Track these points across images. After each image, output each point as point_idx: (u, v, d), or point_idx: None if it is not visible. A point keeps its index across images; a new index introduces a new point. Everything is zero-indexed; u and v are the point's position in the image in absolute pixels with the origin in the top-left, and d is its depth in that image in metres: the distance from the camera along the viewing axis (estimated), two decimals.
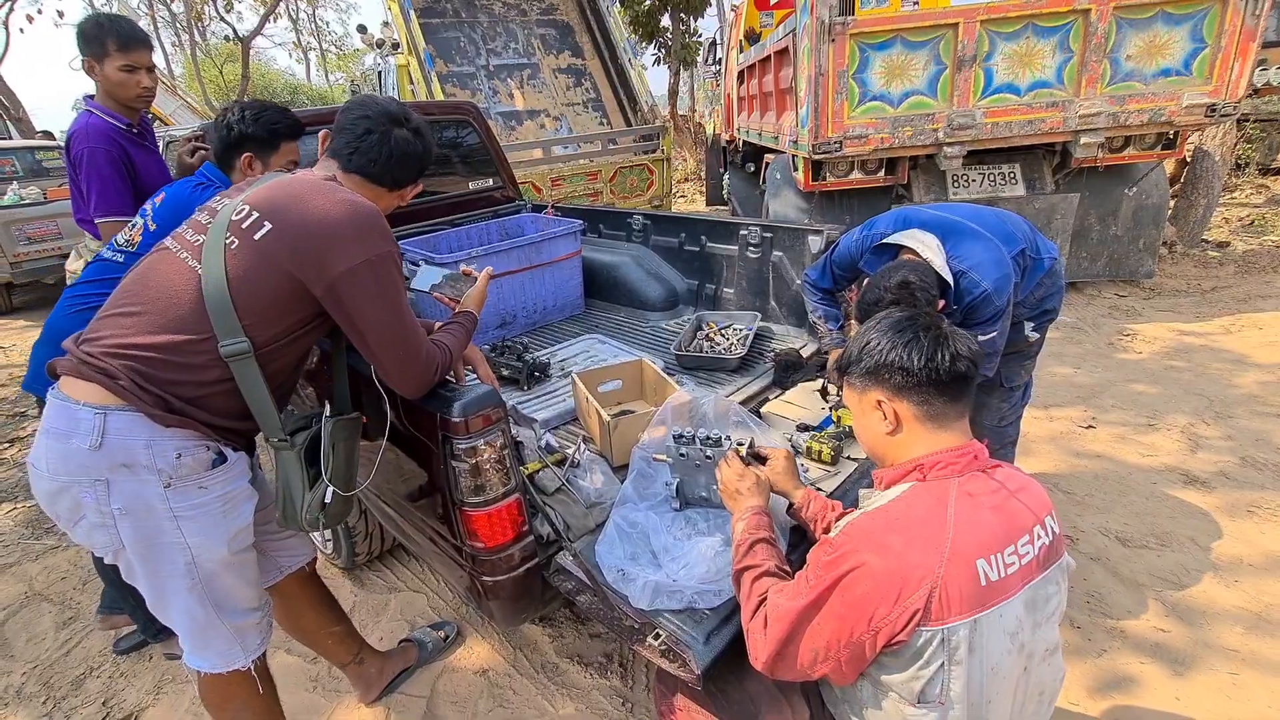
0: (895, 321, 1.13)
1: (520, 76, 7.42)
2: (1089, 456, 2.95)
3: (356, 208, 1.28)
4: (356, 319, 1.28)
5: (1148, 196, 4.65)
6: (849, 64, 3.93)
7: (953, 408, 1.09)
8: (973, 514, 0.99)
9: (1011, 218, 2.10)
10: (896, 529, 1.00)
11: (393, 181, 1.43)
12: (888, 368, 1.09)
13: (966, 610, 0.94)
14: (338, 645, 1.87)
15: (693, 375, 2.41)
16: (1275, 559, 2.26)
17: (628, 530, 1.60)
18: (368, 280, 1.26)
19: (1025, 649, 1.00)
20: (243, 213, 1.26)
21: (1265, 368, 3.63)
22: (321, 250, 1.23)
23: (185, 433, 1.24)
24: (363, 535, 2.35)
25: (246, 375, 1.26)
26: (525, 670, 2.04)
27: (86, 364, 1.20)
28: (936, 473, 1.05)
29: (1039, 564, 1.01)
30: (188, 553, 1.28)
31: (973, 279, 1.86)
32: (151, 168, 2.30)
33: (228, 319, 1.22)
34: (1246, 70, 3.83)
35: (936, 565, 0.94)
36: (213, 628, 1.38)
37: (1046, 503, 1.07)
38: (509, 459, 1.50)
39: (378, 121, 1.41)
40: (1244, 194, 7.63)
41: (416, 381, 1.40)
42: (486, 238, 3.34)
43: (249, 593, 1.44)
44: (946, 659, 0.95)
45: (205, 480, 1.28)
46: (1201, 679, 1.85)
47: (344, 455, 1.43)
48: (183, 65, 25.56)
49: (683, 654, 1.36)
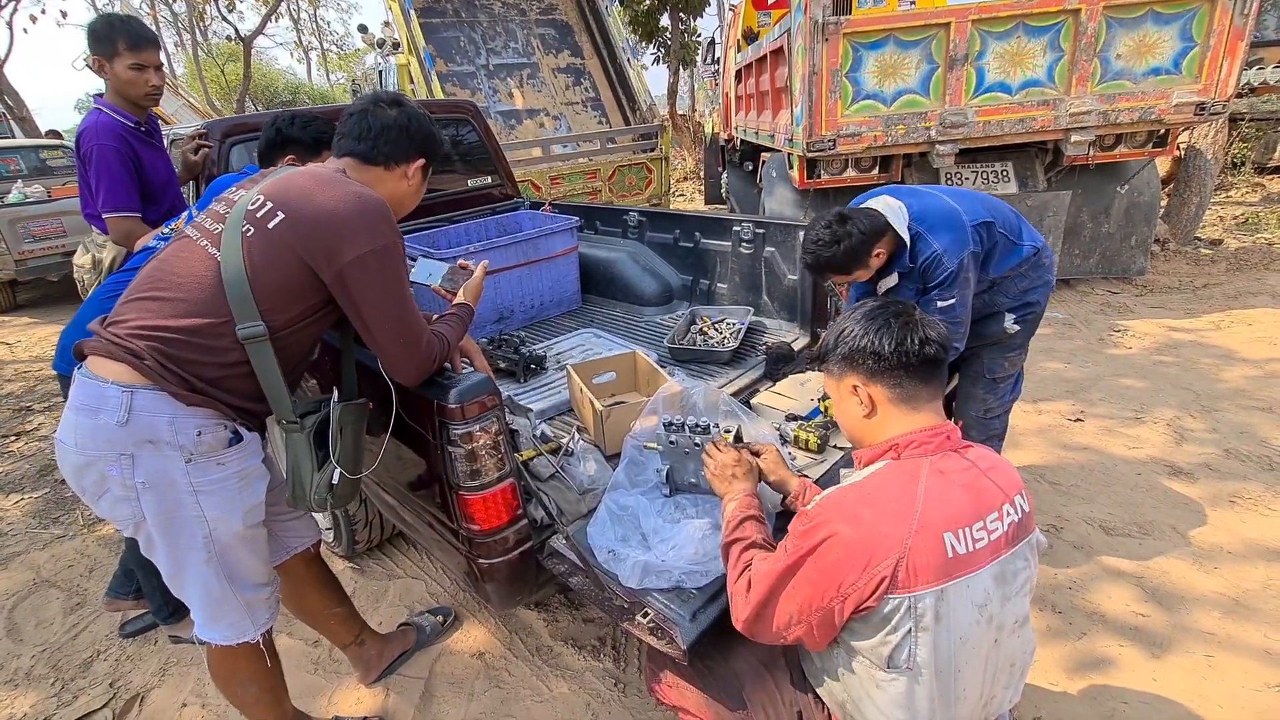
0: (868, 310, 1.20)
1: (520, 76, 7.48)
2: (1076, 449, 3.01)
3: (363, 199, 1.33)
4: (362, 306, 1.34)
5: (1140, 194, 4.69)
6: (842, 63, 3.99)
7: (924, 389, 1.16)
8: (943, 490, 1.05)
9: (990, 199, 2.15)
10: (868, 502, 1.07)
11: (384, 159, 1.45)
12: (861, 353, 1.16)
13: (933, 580, 1.00)
14: (340, 626, 1.93)
15: (686, 368, 2.47)
16: (1254, 547, 2.31)
17: (618, 513, 1.65)
18: (373, 269, 1.32)
19: (994, 621, 1.05)
20: (258, 203, 1.32)
21: (1252, 363, 3.68)
22: (331, 240, 1.29)
23: (205, 411, 1.31)
24: (363, 524, 2.41)
25: (261, 358, 1.32)
26: (520, 653, 2.10)
27: (115, 344, 1.26)
28: (910, 451, 1.11)
29: (1008, 540, 1.06)
30: (205, 526, 1.34)
31: (927, 240, 1.96)
32: (159, 165, 2.37)
33: (245, 303, 1.28)
34: (1235, 69, 3.88)
35: (905, 536, 1.00)
36: (226, 600, 1.44)
37: (1017, 481, 1.12)
38: (504, 445, 1.56)
39: (362, 104, 1.48)
40: (1240, 192, 7.67)
41: (417, 369, 1.45)
42: (485, 234, 3.39)
43: (260, 568, 1.51)
44: (913, 625, 1.01)
45: (223, 457, 1.34)
46: (1178, 661, 1.91)
47: (351, 439, 1.49)
48: (184, 65, 25.64)
49: (669, 631, 1.41)
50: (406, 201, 1.55)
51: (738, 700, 1.34)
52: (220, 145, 2.80)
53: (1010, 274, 2.13)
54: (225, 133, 2.84)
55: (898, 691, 1.05)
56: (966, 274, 1.98)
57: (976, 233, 1.99)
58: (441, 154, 1.58)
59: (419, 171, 1.52)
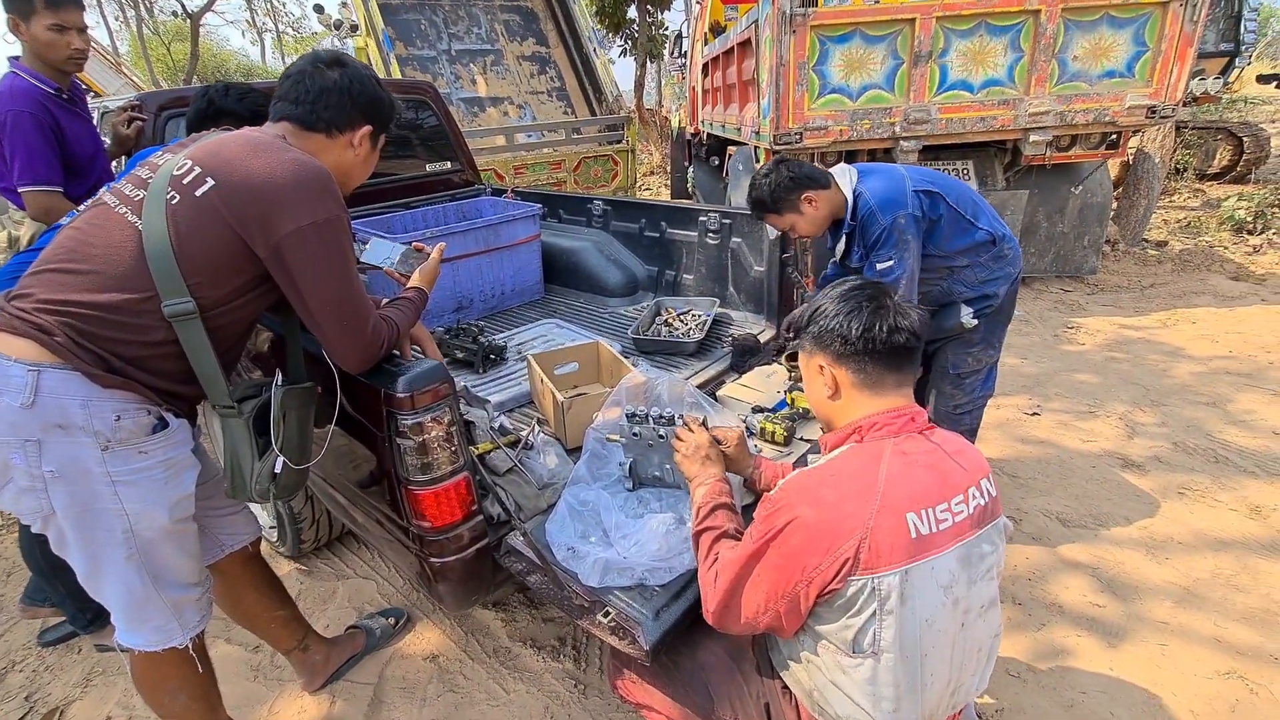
0: (844, 291, 1.17)
1: (483, 62, 7.29)
2: (1033, 442, 3.05)
3: (303, 167, 1.22)
4: (300, 284, 1.24)
5: (1093, 195, 4.82)
6: (809, 55, 3.97)
7: (890, 376, 1.12)
8: (905, 470, 1.02)
9: (950, 179, 2.16)
10: (829, 484, 1.04)
11: (325, 125, 1.34)
12: (829, 334, 1.13)
13: (896, 560, 0.97)
14: (281, 630, 1.81)
15: (650, 359, 2.41)
16: (1203, 537, 2.37)
17: (579, 509, 1.58)
18: (313, 244, 1.22)
19: (961, 603, 1.03)
20: (184, 168, 1.20)
21: (1198, 359, 3.81)
22: (266, 211, 1.18)
23: (125, 394, 1.19)
24: (309, 522, 2.28)
25: (192, 337, 1.22)
26: (477, 655, 2.01)
27: (19, 320, 1.14)
28: (872, 434, 1.09)
29: (974, 522, 1.03)
30: (125, 520, 1.23)
31: (864, 198, 2.04)
32: (83, 136, 2.19)
33: (171, 278, 1.17)
34: (1185, 73, 4.00)
35: (867, 517, 0.97)
36: (150, 601, 1.33)
37: (983, 465, 1.09)
38: (457, 436, 1.47)
39: (300, 64, 1.36)
40: (1182, 197, 7.98)
41: (361, 354, 1.35)
42: (443, 219, 3.27)
43: (189, 566, 1.39)
44: (878, 607, 0.98)
45: (146, 445, 1.23)
46: (1133, 650, 1.93)
47: (296, 425, 1.38)
48: (128, 43, 24.41)
49: (632, 631, 1.35)
50: (354, 173, 1.43)
51: (704, 695, 1.30)
52: (155, 119, 2.62)
53: (964, 257, 2.13)
54: (162, 106, 2.65)
55: (863, 677, 1.02)
56: (904, 235, 1.99)
57: (917, 197, 2.03)
58: (392, 121, 1.46)
59: (365, 140, 1.40)
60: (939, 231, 2.08)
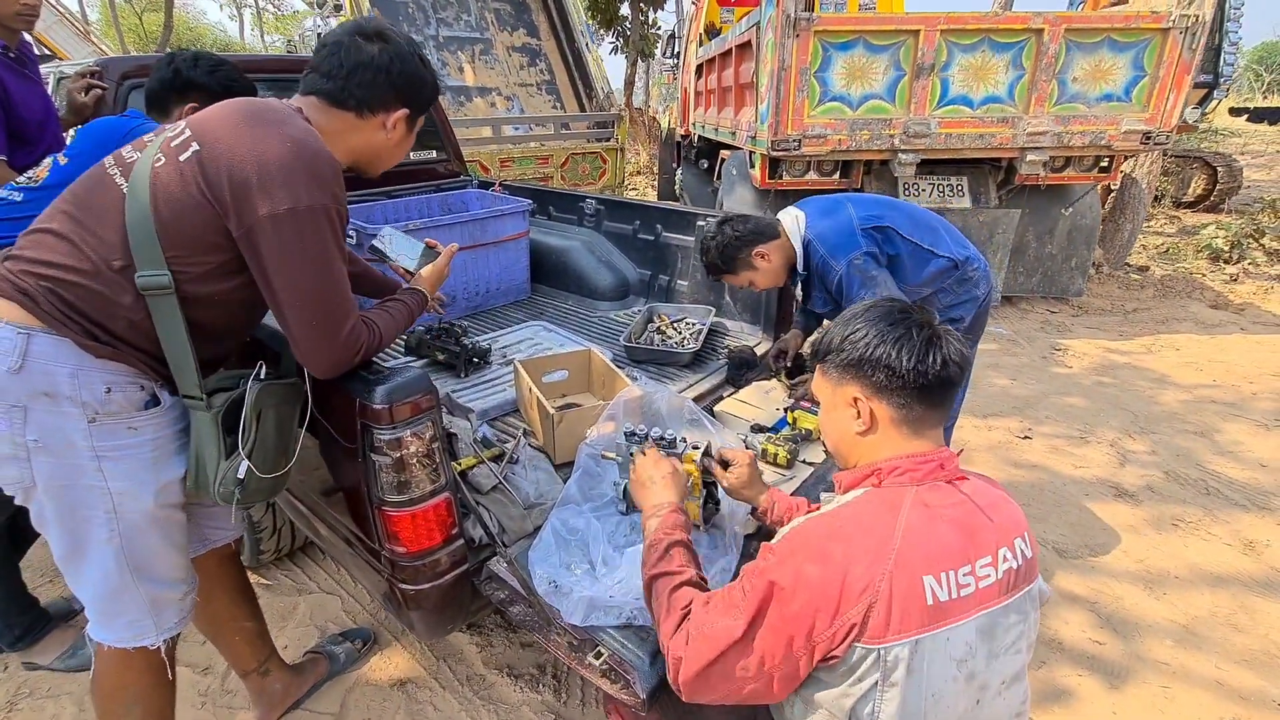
0: (887, 312, 1.02)
1: (472, 51, 7.09)
2: (1026, 467, 3.00)
3: (298, 146, 1.09)
4: (271, 274, 1.10)
5: (1082, 218, 4.83)
6: (811, 61, 3.89)
7: (933, 414, 1.00)
8: (927, 526, 0.90)
9: (900, 205, 2.12)
10: (839, 537, 0.90)
11: (356, 103, 1.22)
12: (872, 364, 0.98)
13: (908, 630, 0.85)
14: (245, 645, 1.65)
15: (643, 369, 2.28)
16: (1199, 572, 2.33)
17: (566, 536, 1.45)
18: (288, 233, 1.08)
19: (976, 679, 0.91)
20: (178, 131, 1.13)
21: (1184, 387, 3.81)
22: (246, 188, 1.05)
23: (118, 366, 1.12)
24: (270, 531, 2.12)
25: (164, 314, 1.11)
26: (448, 682, 1.86)
27: (6, 281, 1.08)
28: (893, 479, 0.96)
29: (1002, 588, 0.91)
30: (109, 499, 1.15)
31: (815, 247, 2.01)
32: (30, 100, 1.99)
33: (148, 247, 1.08)
34: (1180, 101, 4.01)
35: (878, 579, 0.85)
36: (126, 592, 1.22)
37: (1019, 522, 0.97)
38: (439, 453, 1.33)
39: (338, 33, 1.23)
40: (1159, 224, 8.12)
41: (330, 358, 1.20)
42: (428, 211, 3.11)
43: (175, 560, 1.28)
44: (880, 679, 0.86)
45: (135, 421, 1.16)
46: (1135, 692, 1.87)
47: (273, 427, 1.23)
48: (99, 11, 23.51)
49: (626, 675, 1.23)
50: (385, 156, 1.34)
51: None
52: (117, 88, 2.42)
53: (929, 286, 2.09)
54: (125, 74, 2.46)
55: None
56: (868, 273, 1.93)
57: (869, 235, 1.98)
58: (430, 100, 1.35)
59: (402, 123, 1.29)
60: (900, 268, 2.03)
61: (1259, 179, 10.59)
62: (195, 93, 1.72)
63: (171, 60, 1.74)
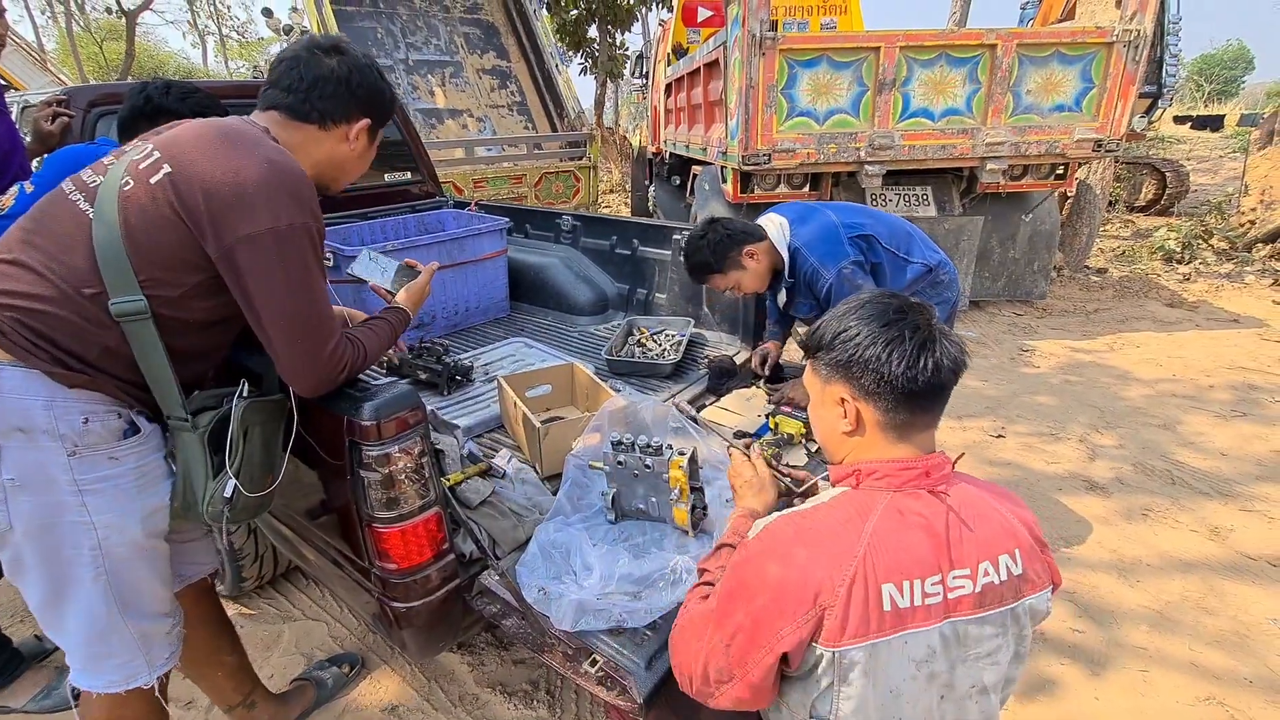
0: (881, 312, 0.98)
1: (442, 74, 7.14)
2: (1001, 464, 3.08)
3: (276, 167, 1.09)
4: (254, 296, 1.10)
5: (1042, 223, 5.00)
6: (778, 78, 4.00)
7: (922, 419, 0.98)
8: (896, 533, 0.89)
9: (879, 215, 2.18)
10: (805, 539, 0.92)
11: (319, 115, 1.22)
12: (860, 365, 0.96)
13: (865, 635, 0.86)
14: (228, 680, 1.61)
15: (625, 381, 2.30)
16: (1169, 559, 2.41)
17: (550, 550, 1.46)
18: (270, 253, 1.08)
19: (939, 679, 0.91)
20: (145, 152, 1.10)
21: (1146, 382, 3.95)
22: (222, 210, 1.06)
23: (93, 395, 1.09)
24: (252, 558, 2.08)
25: (142, 340, 1.09)
26: (440, 704, 1.84)
27: None
28: (870, 482, 0.96)
29: (977, 602, 0.89)
30: (94, 534, 1.11)
31: (803, 254, 2.04)
32: None
33: (120, 272, 1.06)
34: (1127, 110, 4.21)
35: (837, 584, 0.86)
36: (115, 632, 1.17)
37: (1012, 537, 0.93)
38: (428, 468, 1.33)
39: (295, 50, 1.24)
40: (1114, 228, 8.42)
41: (315, 378, 1.20)
42: (404, 231, 3.11)
43: (161, 593, 1.25)
44: (836, 680, 0.88)
45: (117, 451, 1.13)
46: (1115, 677, 1.92)
47: (260, 444, 1.23)
48: (57, 40, 23.10)
49: (622, 681, 1.24)
50: (349, 168, 1.33)
51: None
52: (84, 116, 2.40)
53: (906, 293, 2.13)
54: (92, 102, 2.44)
55: None
56: (855, 281, 1.99)
57: (855, 244, 2.04)
58: (390, 112, 1.35)
59: (363, 134, 1.28)
60: (880, 275, 2.09)
61: (1204, 183, 11.06)
62: (167, 119, 1.71)
63: (144, 88, 1.75)
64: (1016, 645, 0.95)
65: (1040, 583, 0.94)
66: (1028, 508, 1.01)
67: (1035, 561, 0.94)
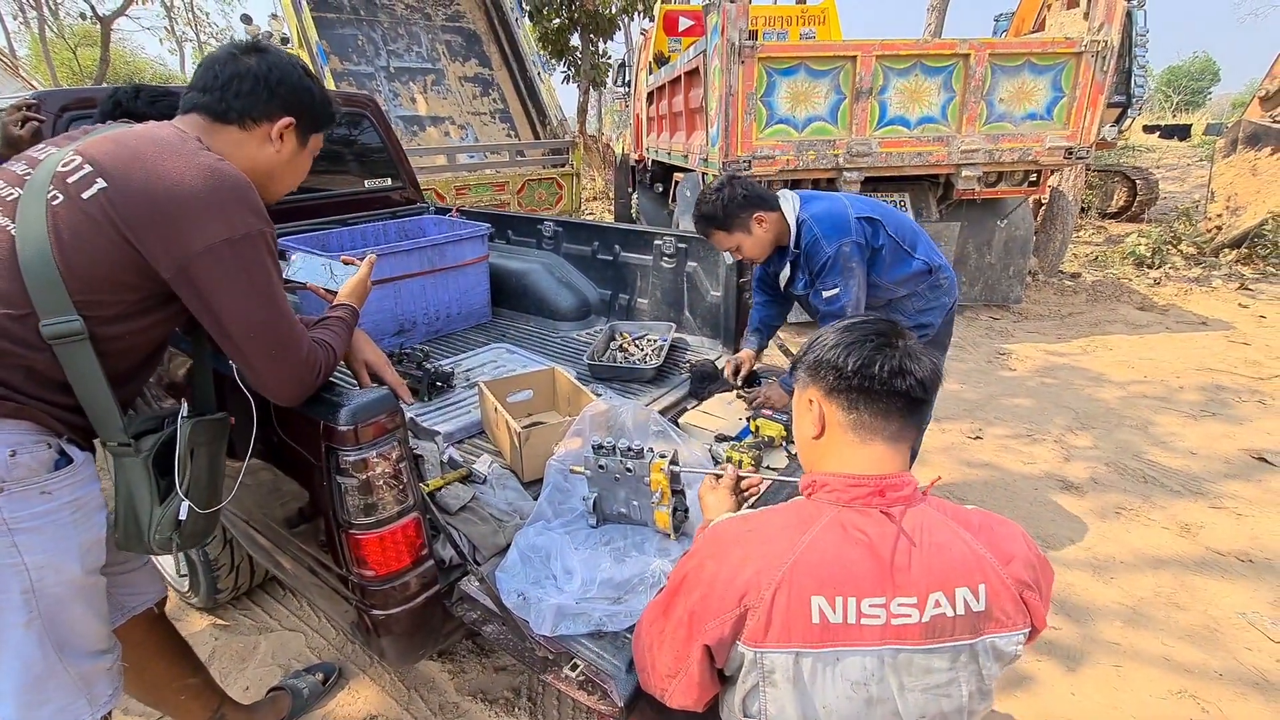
0: (851, 323, 1.05)
1: (424, 81, 7.14)
2: (978, 465, 3.12)
3: (218, 175, 1.05)
4: (218, 309, 1.06)
5: (1016, 229, 5.11)
6: (757, 86, 4.05)
7: (883, 426, 0.97)
8: (834, 547, 0.89)
9: (890, 208, 2.20)
10: (743, 541, 0.96)
11: (238, 115, 1.15)
12: (824, 365, 1.01)
13: (788, 642, 0.87)
14: (192, 701, 1.57)
15: (607, 386, 2.31)
16: (1142, 556, 2.46)
17: (530, 555, 1.46)
18: (230, 264, 1.05)
19: (884, 705, 0.90)
20: (71, 164, 1.01)
21: (1119, 384, 4.03)
22: (171, 225, 1.00)
23: (17, 424, 1.01)
24: (227, 568, 2.04)
25: (78, 363, 1.03)
26: (420, 713, 1.82)
27: None
28: (821, 494, 0.97)
29: (926, 633, 0.87)
30: (25, 577, 1.03)
31: (809, 225, 2.04)
32: None
33: (52, 292, 0.99)
34: (1097, 118, 4.31)
35: (763, 587, 0.88)
36: (53, 677, 1.10)
37: (971, 573, 0.88)
38: (407, 473, 1.32)
39: (218, 53, 1.20)
40: (1087, 234, 8.61)
41: (297, 385, 1.19)
42: (385, 238, 3.10)
43: (99, 630, 1.18)
44: (760, 680, 0.91)
45: (49, 484, 1.04)
46: (1090, 672, 1.95)
47: (206, 463, 1.19)
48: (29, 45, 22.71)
49: (603, 685, 1.24)
50: (278, 174, 1.24)
51: None
52: (56, 120, 2.36)
53: (903, 287, 2.16)
54: (64, 106, 2.39)
55: None
56: (849, 263, 2.00)
57: (860, 225, 2.04)
58: (325, 117, 1.28)
59: (289, 135, 1.21)
60: (880, 261, 2.10)
61: (1173, 190, 11.35)
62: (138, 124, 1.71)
63: (114, 93, 1.73)
64: (978, 683, 0.91)
65: (1009, 623, 0.89)
66: (1025, 543, 0.94)
67: (1007, 601, 0.89)
